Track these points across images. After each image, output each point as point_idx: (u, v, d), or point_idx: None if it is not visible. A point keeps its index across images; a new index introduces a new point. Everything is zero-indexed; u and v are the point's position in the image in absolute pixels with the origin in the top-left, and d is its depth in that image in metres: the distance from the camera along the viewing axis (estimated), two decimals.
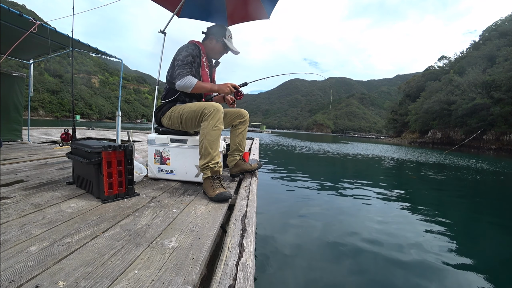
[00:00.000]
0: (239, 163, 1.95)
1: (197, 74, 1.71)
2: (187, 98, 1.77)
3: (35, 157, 2.52)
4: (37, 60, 3.88)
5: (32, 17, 2.42)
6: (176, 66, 1.64)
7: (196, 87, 1.60)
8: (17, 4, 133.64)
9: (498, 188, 6.14)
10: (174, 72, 1.64)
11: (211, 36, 1.81)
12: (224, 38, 1.81)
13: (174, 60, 1.71)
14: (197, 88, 1.61)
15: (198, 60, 1.71)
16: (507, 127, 29.58)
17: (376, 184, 5.44)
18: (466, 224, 3.46)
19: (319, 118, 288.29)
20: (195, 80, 1.60)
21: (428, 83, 50.68)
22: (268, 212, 3.20)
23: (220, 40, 1.80)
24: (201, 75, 1.73)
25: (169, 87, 1.76)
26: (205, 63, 1.76)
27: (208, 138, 1.51)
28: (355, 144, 24.72)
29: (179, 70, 1.61)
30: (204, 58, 1.75)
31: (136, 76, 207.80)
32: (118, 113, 3.18)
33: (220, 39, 1.80)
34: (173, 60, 1.72)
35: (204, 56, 1.76)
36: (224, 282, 0.69)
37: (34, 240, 0.86)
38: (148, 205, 1.29)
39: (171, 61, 1.76)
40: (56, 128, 7.75)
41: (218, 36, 1.80)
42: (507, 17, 47.15)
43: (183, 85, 1.59)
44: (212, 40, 1.81)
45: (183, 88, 1.61)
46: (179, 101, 1.77)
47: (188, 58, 1.64)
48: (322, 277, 1.87)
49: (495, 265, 2.32)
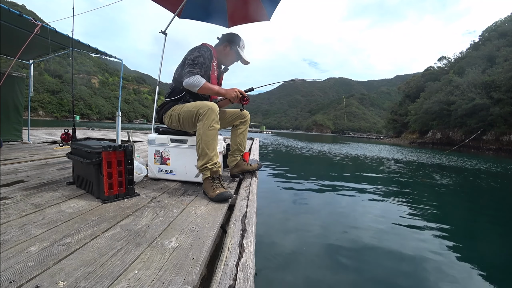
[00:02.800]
0: (239, 163, 1.94)
1: (206, 77, 1.68)
2: (191, 99, 1.74)
3: (35, 157, 2.52)
4: (37, 60, 3.88)
5: (32, 17, 2.42)
6: (186, 65, 1.62)
7: (204, 87, 1.57)
8: (17, 5, 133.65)
9: (498, 188, 6.14)
10: (184, 70, 1.62)
11: (226, 43, 1.81)
12: (238, 47, 1.81)
13: (185, 59, 1.70)
14: (204, 89, 1.58)
15: (209, 63, 1.69)
16: (507, 127, 29.62)
17: (376, 184, 5.44)
18: (468, 224, 3.46)
19: (318, 119, 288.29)
20: (203, 80, 1.58)
21: (428, 83, 50.75)
22: (268, 212, 3.20)
23: (234, 48, 1.81)
24: (210, 78, 1.72)
25: (175, 85, 1.75)
26: (215, 67, 1.75)
27: (204, 138, 1.50)
28: (355, 144, 24.73)
29: (189, 68, 1.59)
30: (214, 62, 1.74)
31: (136, 77, 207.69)
32: (118, 113, 3.18)
33: (234, 47, 1.81)
34: (183, 59, 1.71)
35: (215, 61, 1.76)
36: (224, 282, 0.69)
37: (34, 240, 0.86)
38: (148, 205, 1.29)
39: (181, 60, 1.75)
40: (56, 128, 7.75)
41: (233, 44, 1.81)
42: (506, 17, 47.25)
43: (190, 83, 1.57)
44: (227, 47, 1.81)
45: (190, 86, 1.58)
46: (182, 100, 1.75)
47: (199, 59, 1.62)
48: (322, 277, 1.87)
49: (495, 265, 2.32)
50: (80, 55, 18.54)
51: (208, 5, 2.54)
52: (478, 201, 4.91)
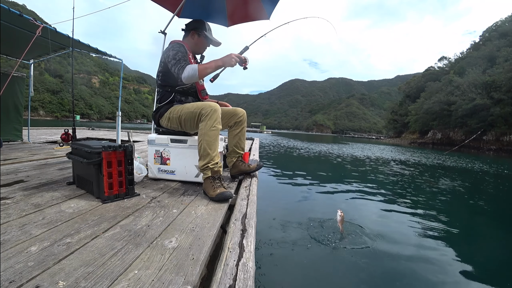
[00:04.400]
0: (236, 164, 1.92)
1: None
2: (183, 98, 1.76)
3: (35, 157, 2.52)
4: (38, 60, 3.88)
5: (32, 17, 2.42)
6: (171, 67, 1.62)
7: (201, 70, 1.55)
8: (18, 4, 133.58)
9: (499, 189, 6.13)
10: (174, 73, 1.62)
11: (192, 31, 1.82)
12: (205, 31, 1.82)
13: (163, 63, 1.69)
14: (202, 71, 1.55)
15: (186, 57, 1.67)
16: (507, 127, 29.59)
17: (377, 184, 5.44)
18: (467, 224, 3.46)
19: (319, 119, 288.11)
20: (195, 65, 1.55)
21: (428, 83, 50.71)
22: (268, 212, 3.20)
23: (202, 33, 1.81)
24: None
25: (162, 90, 1.76)
26: (192, 59, 1.74)
27: (206, 139, 1.50)
28: (355, 144, 24.71)
29: (176, 66, 1.59)
30: (190, 55, 1.74)
31: (136, 76, 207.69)
32: (118, 113, 3.18)
33: (202, 32, 1.81)
34: (162, 64, 1.71)
35: (190, 53, 1.76)
36: (224, 282, 0.69)
37: (34, 240, 0.86)
38: (148, 205, 1.29)
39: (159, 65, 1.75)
40: (56, 128, 7.75)
41: (199, 30, 1.81)
42: (507, 17, 47.20)
43: (187, 75, 1.55)
44: (194, 35, 1.82)
45: (189, 78, 1.56)
46: (175, 101, 1.75)
47: (178, 55, 1.62)
48: (323, 277, 1.87)
49: (495, 265, 2.32)
50: (81, 55, 18.53)
51: (208, 5, 2.54)
52: (478, 201, 4.90)
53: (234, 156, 1.93)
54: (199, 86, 1.83)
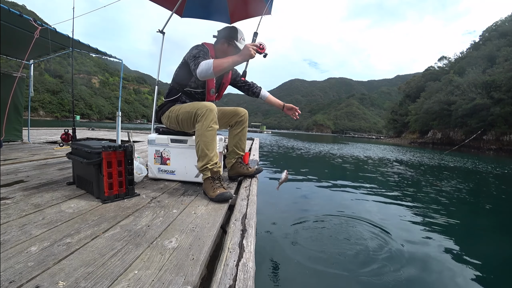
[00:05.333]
0: (235, 165, 1.90)
1: None
2: (187, 99, 1.74)
3: (35, 157, 2.52)
4: (37, 60, 3.88)
5: (32, 17, 2.42)
6: (190, 64, 1.57)
7: (215, 66, 1.42)
8: (17, 5, 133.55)
9: (499, 189, 6.13)
10: (192, 71, 1.56)
11: (222, 39, 1.74)
12: (236, 40, 1.73)
13: (185, 60, 1.66)
14: (217, 67, 1.42)
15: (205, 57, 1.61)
16: (507, 127, 29.60)
17: (377, 184, 5.44)
18: (468, 224, 3.46)
19: (319, 119, 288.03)
20: (210, 60, 1.45)
21: (428, 83, 50.72)
22: (268, 213, 3.19)
23: (232, 43, 1.72)
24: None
25: (172, 85, 1.75)
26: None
27: (203, 139, 1.49)
28: (355, 144, 24.72)
29: (193, 63, 1.53)
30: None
31: (136, 77, 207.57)
32: (118, 114, 3.17)
33: (232, 42, 1.72)
34: (183, 60, 1.68)
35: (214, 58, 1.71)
36: (224, 283, 0.69)
37: (34, 241, 0.86)
38: (148, 205, 1.29)
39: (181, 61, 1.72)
40: (56, 128, 7.74)
41: (229, 39, 1.72)
42: (507, 17, 47.19)
43: (201, 70, 1.46)
44: (224, 44, 1.74)
45: (204, 74, 1.46)
46: (179, 101, 1.75)
47: (200, 53, 1.57)
48: (323, 278, 1.87)
49: (495, 265, 2.32)
50: (81, 55, 18.63)
51: (209, 3, 2.55)
52: (478, 201, 4.90)
53: (233, 157, 1.91)
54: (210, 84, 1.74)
